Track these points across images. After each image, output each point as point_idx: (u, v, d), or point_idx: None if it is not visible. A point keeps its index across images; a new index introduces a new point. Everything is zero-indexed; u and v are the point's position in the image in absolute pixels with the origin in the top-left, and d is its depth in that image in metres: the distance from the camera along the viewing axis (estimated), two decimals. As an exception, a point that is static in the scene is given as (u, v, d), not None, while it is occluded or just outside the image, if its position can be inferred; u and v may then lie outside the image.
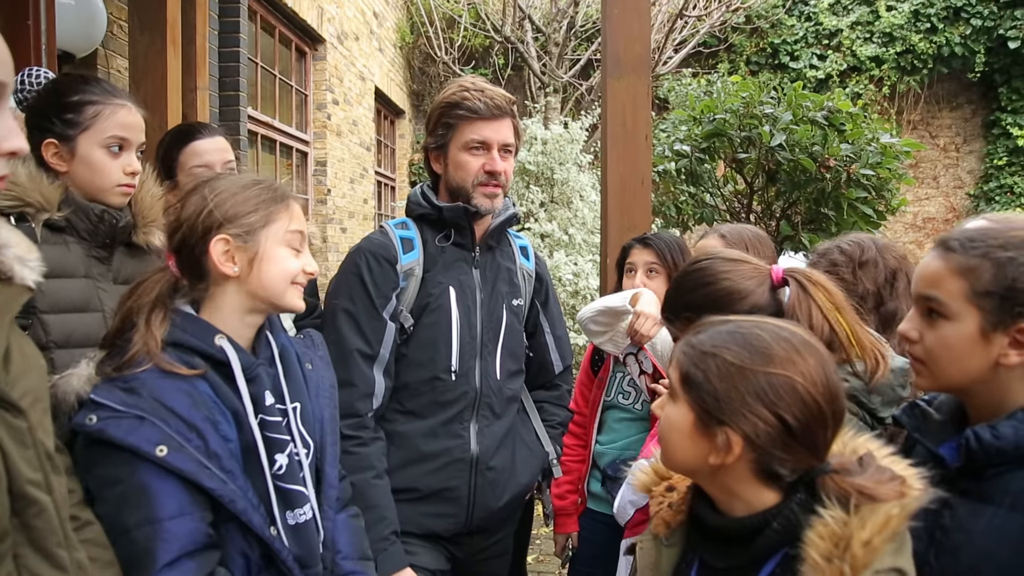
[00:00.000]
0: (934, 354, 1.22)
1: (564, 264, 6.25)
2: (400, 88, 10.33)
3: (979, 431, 1.16)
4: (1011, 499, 1.13)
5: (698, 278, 1.50)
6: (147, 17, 3.35)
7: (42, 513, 1.05)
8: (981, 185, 10.95)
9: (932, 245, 1.25)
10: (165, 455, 1.21)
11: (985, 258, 1.16)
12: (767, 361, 1.06)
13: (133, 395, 1.24)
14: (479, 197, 1.97)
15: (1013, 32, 10.11)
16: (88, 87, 1.76)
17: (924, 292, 1.22)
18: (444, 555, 2.00)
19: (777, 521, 1.07)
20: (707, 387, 1.08)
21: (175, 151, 2.29)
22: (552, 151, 6.94)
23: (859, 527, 1.00)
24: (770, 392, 1.05)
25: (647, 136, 2.93)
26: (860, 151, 4.29)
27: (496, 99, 1.96)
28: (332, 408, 1.57)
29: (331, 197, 7.28)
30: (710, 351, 1.10)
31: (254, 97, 5.83)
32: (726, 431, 1.07)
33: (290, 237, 1.42)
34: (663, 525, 1.24)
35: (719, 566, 1.15)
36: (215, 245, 1.35)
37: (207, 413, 1.29)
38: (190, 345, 1.33)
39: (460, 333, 1.97)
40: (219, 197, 1.37)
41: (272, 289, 1.39)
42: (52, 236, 1.67)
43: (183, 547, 1.22)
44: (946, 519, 1.19)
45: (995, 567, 1.13)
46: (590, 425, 2.42)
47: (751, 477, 1.09)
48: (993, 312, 1.14)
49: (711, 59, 10.81)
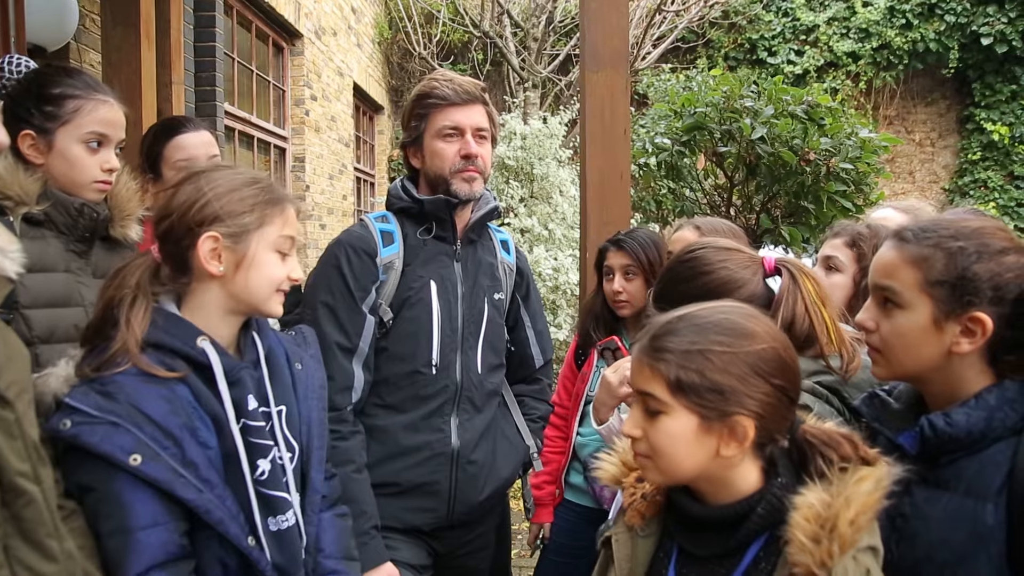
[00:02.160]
0: (889, 343, 1.24)
1: (544, 259, 6.25)
2: (379, 84, 10.28)
3: (933, 419, 1.18)
4: (965, 485, 1.16)
5: (693, 267, 1.50)
6: (120, 11, 3.30)
7: (31, 504, 1.06)
8: (956, 179, 11.09)
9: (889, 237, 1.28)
10: (139, 464, 1.18)
11: (937, 248, 1.18)
12: (751, 339, 1.09)
13: (109, 400, 1.21)
14: (458, 183, 1.96)
15: (986, 28, 10.25)
16: (71, 80, 1.74)
17: (880, 282, 1.25)
18: (425, 550, 1.99)
19: (761, 506, 1.09)
20: (706, 384, 1.08)
21: (160, 145, 2.27)
22: (531, 146, 6.94)
23: (844, 507, 1.02)
24: (763, 366, 1.08)
25: (626, 130, 2.93)
26: (839, 145, 4.33)
27: (465, 85, 1.97)
28: (320, 410, 1.53)
29: (310, 193, 7.22)
30: (695, 350, 1.09)
31: (231, 92, 5.77)
32: (736, 419, 1.07)
33: (280, 242, 1.37)
34: (638, 516, 1.24)
35: (700, 554, 1.15)
36: (203, 242, 1.31)
37: (185, 420, 1.25)
38: (171, 347, 1.29)
39: (441, 327, 1.96)
40: (215, 191, 1.32)
41: (256, 295, 1.36)
42: (31, 230, 1.65)
43: (154, 558, 1.19)
44: (906, 506, 1.21)
45: (950, 552, 1.15)
46: (572, 418, 2.42)
47: (750, 457, 1.12)
48: (945, 301, 1.17)
49: (689, 54, 10.86)
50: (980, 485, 1.14)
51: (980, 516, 1.13)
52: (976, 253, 1.16)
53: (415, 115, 2.00)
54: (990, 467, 1.14)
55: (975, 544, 1.13)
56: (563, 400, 2.49)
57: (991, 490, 1.13)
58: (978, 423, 1.15)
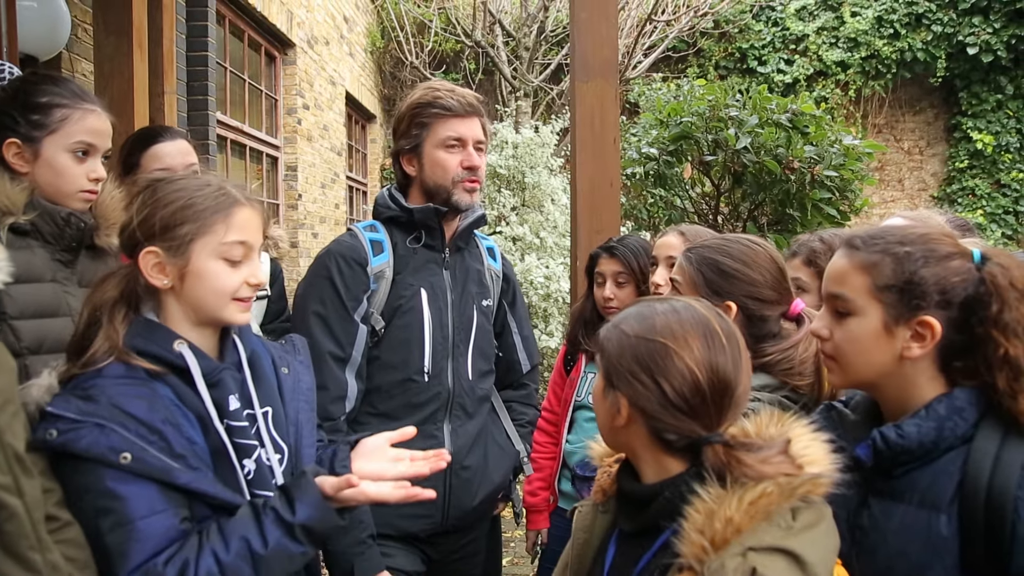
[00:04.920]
0: (842, 349, 1.25)
1: (536, 267, 6.27)
2: (371, 92, 10.31)
3: (885, 431, 1.19)
4: (919, 496, 1.16)
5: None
6: (113, 20, 3.31)
7: (12, 517, 1.04)
8: (944, 187, 11.18)
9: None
10: (129, 461, 1.19)
11: (885, 253, 1.20)
12: (650, 330, 1.13)
13: (90, 402, 1.22)
14: (460, 193, 1.98)
15: (972, 39, 10.35)
16: (57, 89, 1.73)
17: (831, 290, 1.27)
18: (420, 556, 2.00)
19: (669, 491, 1.11)
20: (606, 355, 1.17)
21: (137, 154, 2.27)
22: (523, 155, 6.98)
23: (727, 503, 1.03)
24: (647, 358, 1.11)
25: (615, 139, 2.96)
26: (823, 153, 4.37)
27: (467, 97, 1.99)
28: (309, 411, 1.53)
29: (302, 202, 7.23)
30: (616, 324, 1.18)
31: (223, 102, 5.79)
32: (616, 394, 1.14)
33: (226, 249, 1.33)
34: (600, 492, 1.30)
35: (627, 530, 1.20)
36: (143, 257, 1.31)
37: (167, 415, 1.26)
38: (150, 352, 1.30)
39: (432, 334, 1.98)
40: (153, 206, 1.32)
41: (206, 305, 1.34)
42: (17, 240, 1.64)
43: (158, 545, 1.19)
44: (864, 519, 1.22)
45: (907, 564, 1.16)
46: (562, 423, 2.44)
47: (649, 442, 1.14)
48: (894, 306, 1.19)
49: (680, 64, 10.93)
50: (933, 496, 1.15)
51: (935, 527, 1.14)
52: (923, 258, 1.18)
53: (416, 123, 1.99)
54: (942, 477, 1.15)
55: (931, 555, 1.13)
56: (553, 406, 2.51)
57: (944, 500, 1.14)
58: (928, 434, 1.16)
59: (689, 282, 1.68)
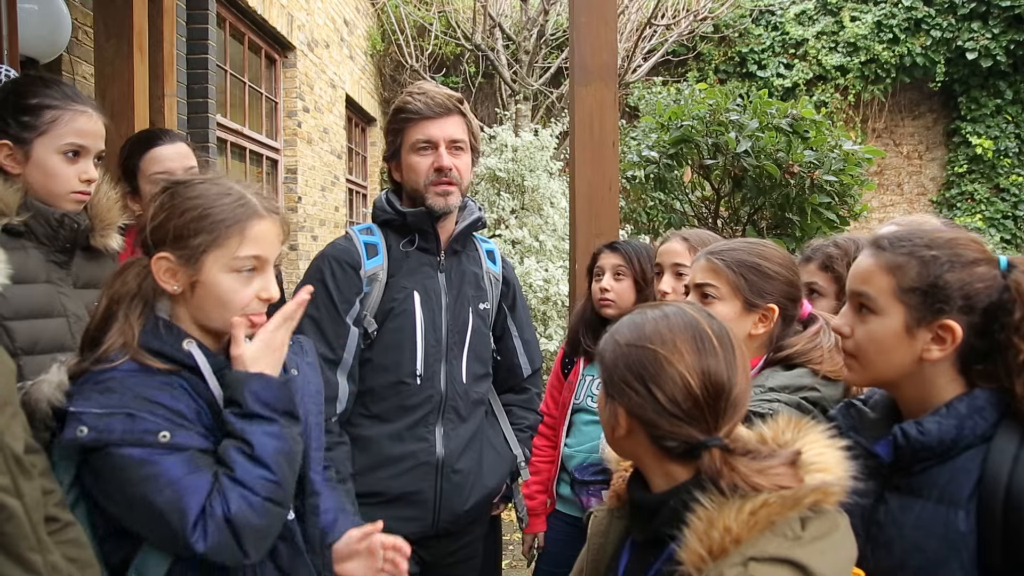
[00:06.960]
0: (863, 348, 1.27)
1: (535, 270, 6.28)
2: (371, 96, 10.32)
3: (906, 428, 1.21)
4: (937, 492, 1.18)
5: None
6: (113, 23, 3.31)
7: (12, 519, 1.04)
8: (943, 192, 11.19)
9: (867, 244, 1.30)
10: (170, 439, 1.20)
11: (911, 256, 1.21)
12: (640, 338, 1.13)
13: (112, 394, 1.22)
14: (432, 196, 1.98)
15: (971, 44, 10.37)
16: (48, 90, 1.73)
17: (856, 288, 1.28)
18: (413, 559, 1.99)
19: (674, 500, 1.10)
20: (603, 365, 1.17)
21: (136, 157, 2.27)
22: (522, 158, 6.99)
23: (726, 512, 1.02)
24: (638, 366, 1.11)
25: (614, 142, 2.96)
26: (823, 158, 4.38)
27: (437, 98, 1.98)
28: (318, 414, 1.54)
29: (302, 205, 7.24)
30: (611, 333, 1.18)
31: (223, 104, 5.79)
32: (614, 404, 1.14)
33: (239, 263, 1.31)
34: (615, 498, 1.29)
35: (638, 539, 1.20)
36: (156, 262, 1.31)
37: (189, 403, 1.28)
38: (162, 351, 1.30)
39: (424, 337, 1.98)
40: (169, 212, 1.32)
41: (213, 317, 1.33)
42: (10, 241, 1.64)
43: (205, 496, 1.20)
44: (880, 514, 1.24)
45: (924, 559, 1.17)
46: (560, 427, 2.44)
47: (652, 450, 1.13)
48: (917, 308, 1.20)
49: (680, 68, 10.94)
50: (952, 492, 1.16)
51: (952, 523, 1.15)
52: (949, 262, 1.19)
53: (391, 130, 2.03)
54: (961, 475, 1.16)
55: (948, 551, 1.15)
56: (551, 409, 2.51)
57: (962, 497, 1.15)
58: (949, 431, 1.17)
59: (730, 286, 1.65)
